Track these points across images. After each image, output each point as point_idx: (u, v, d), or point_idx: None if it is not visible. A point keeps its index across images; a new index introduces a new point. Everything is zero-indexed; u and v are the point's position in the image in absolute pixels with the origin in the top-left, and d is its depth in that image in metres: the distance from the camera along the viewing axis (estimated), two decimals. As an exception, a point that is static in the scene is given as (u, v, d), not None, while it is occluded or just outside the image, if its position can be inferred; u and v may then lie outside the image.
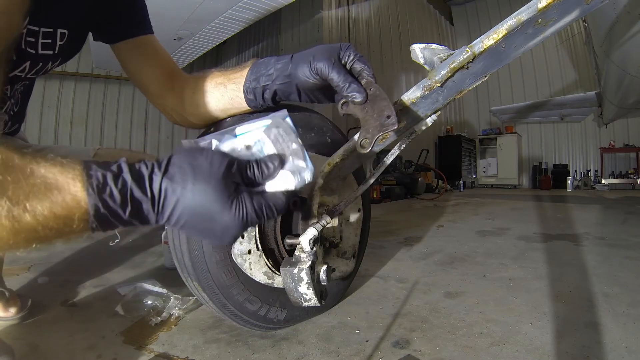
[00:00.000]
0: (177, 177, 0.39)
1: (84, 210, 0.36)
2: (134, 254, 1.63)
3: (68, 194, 0.35)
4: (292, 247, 0.79)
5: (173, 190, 0.39)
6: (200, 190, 0.39)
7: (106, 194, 0.36)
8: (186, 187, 0.39)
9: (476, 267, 1.36)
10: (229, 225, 0.41)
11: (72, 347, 0.78)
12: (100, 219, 0.37)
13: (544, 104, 6.21)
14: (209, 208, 0.40)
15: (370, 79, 0.61)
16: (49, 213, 0.35)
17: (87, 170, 0.37)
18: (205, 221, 0.40)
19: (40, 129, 4.96)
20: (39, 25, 0.64)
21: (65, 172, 0.36)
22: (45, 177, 0.35)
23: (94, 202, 0.36)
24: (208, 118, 0.80)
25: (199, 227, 0.41)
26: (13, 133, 0.85)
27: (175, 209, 0.39)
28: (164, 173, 0.39)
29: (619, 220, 2.65)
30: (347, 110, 0.62)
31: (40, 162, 0.36)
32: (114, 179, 0.37)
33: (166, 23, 3.67)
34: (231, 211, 0.40)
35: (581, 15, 0.61)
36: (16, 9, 0.44)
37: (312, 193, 0.77)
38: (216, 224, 0.41)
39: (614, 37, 2.94)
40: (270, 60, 0.69)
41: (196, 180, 0.39)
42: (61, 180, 0.36)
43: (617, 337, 0.77)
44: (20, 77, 0.68)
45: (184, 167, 0.40)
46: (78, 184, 0.36)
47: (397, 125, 0.55)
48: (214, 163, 0.41)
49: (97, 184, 0.36)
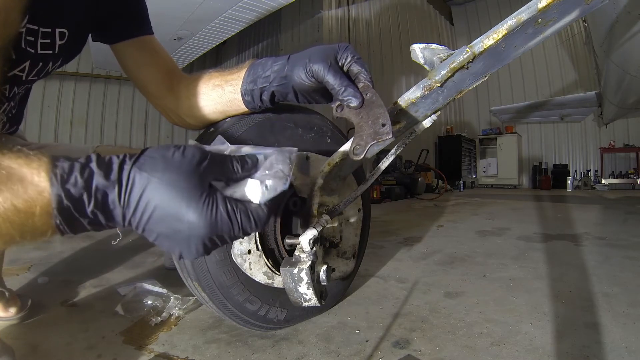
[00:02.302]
0: (147, 167, 0.37)
1: (47, 202, 0.34)
2: (134, 254, 1.63)
3: (30, 184, 0.33)
4: (292, 247, 0.79)
5: (140, 178, 0.36)
6: (168, 180, 0.36)
7: (70, 183, 0.34)
8: (154, 175, 0.36)
9: (476, 267, 1.36)
10: (196, 222, 0.37)
11: (72, 347, 0.78)
12: (64, 213, 0.34)
13: (544, 104, 6.21)
14: (176, 201, 0.37)
15: (368, 82, 0.59)
16: (10, 205, 0.33)
17: (54, 160, 0.35)
18: (171, 218, 0.37)
19: (40, 129, 4.96)
20: (38, 24, 0.64)
21: (30, 163, 0.34)
22: (9, 167, 0.34)
23: (56, 192, 0.34)
24: (206, 119, 0.79)
25: (166, 224, 0.37)
26: (11, 134, 0.86)
27: (141, 199, 0.36)
28: (133, 162, 0.37)
29: (619, 220, 2.65)
30: (342, 114, 0.61)
31: (6, 154, 0.34)
32: (81, 169, 0.35)
33: (166, 23, 3.67)
34: (199, 206, 0.37)
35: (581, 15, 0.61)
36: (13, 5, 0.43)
37: (312, 193, 0.77)
38: (182, 223, 0.37)
39: (614, 37, 2.94)
40: (267, 61, 0.69)
41: (166, 170, 0.37)
42: (24, 170, 0.34)
43: (617, 337, 0.77)
44: (21, 77, 0.68)
45: (156, 157, 0.38)
46: (42, 174, 0.34)
47: (391, 134, 0.54)
48: (186, 154, 0.39)
49: (61, 173, 0.34)
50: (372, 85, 0.60)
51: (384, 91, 6.67)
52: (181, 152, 0.39)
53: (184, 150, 0.39)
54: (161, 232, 0.38)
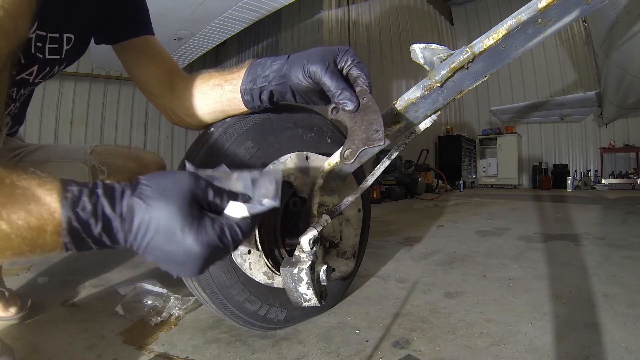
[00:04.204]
0: (144, 195, 0.39)
1: (57, 222, 0.36)
2: (134, 254, 1.62)
3: (43, 204, 0.36)
4: (292, 247, 0.79)
5: (139, 208, 0.39)
6: (162, 208, 0.39)
7: (79, 207, 0.37)
8: (151, 204, 0.39)
9: (476, 267, 1.36)
10: (190, 247, 0.40)
11: (72, 347, 0.78)
12: (73, 233, 0.37)
13: (544, 104, 6.21)
14: (171, 227, 0.39)
15: (365, 87, 0.59)
16: (24, 223, 0.35)
17: (65, 184, 0.38)
18: (168, 242, 0.39)
19: (40, 129, 4.95)
20: (46, 30, 0.65)
21: (43, 185, 0.37)
22: (24, 188, 0.36)
23: (67, 214, 0.36)
24: (205, 119, 0.79)
25: (163, 250, 0.40)
26: (11, 135, 0.86)
27: (140, 226, 0.39)
28: (132, 191, 0.40)
29: (619, 220, 2.65)
30: (336, 117, 0.61)
31: (21, 175, 0.37)
32: (89, 194, 0.38)
33: (166, 23, 3.67)
34: (191, 233, 0.39)
35: (581, 15, 0.61)
36: (23, 12, 0.44)
37: (312, 193, 0.77)
38: (178, 247, 0.39)
39: (614, 37, 2.94)
40: (267, 61, 0.69)
41: (160, 197, 0.39)
42: (38, 191, 0.37)
43: (617, 337, 0.77)
44: (28, 80, 0.69)
45: (152, 186, 0.40)
46: (54, 195, 0.37)
47: (383, 141, 0.54)
48: (179, 182, 0.41)
49: (71, 197, 0.37)
50: (369, 90, 0.59)
51: (384, 91, 6.68)
52: (174, 180, 0.41)
53: (177, 178, 0.41)
54: (159, 256, 0.41)
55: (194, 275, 0.43)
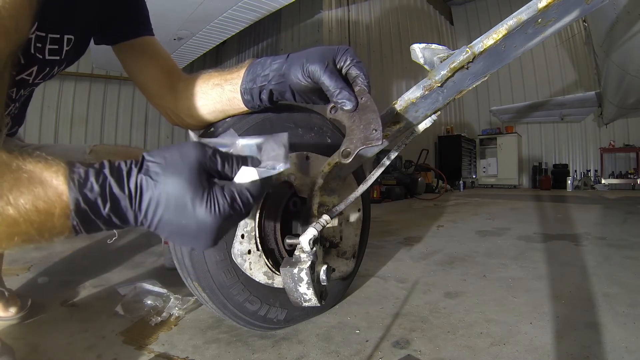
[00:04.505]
0: (151, 171, 0.39)
1: (65, 204, 0.36)
2: (134, 254, 1.63)
3: (50, 187, 0.36)
4: (292, 247, 0.79)
5: (147, 185, 0.39)
6: (171, 182, 0.39)
7: (87, 188, 0.37)
8: (159, 179, 0.39)
9: (476, 267, 1.36)
10: (203, 218, 0.40)
11: (72, 347, 0.78)
12: (81, 215, 0.37)
13: (544, 104, 6.21)
14: (181, 201, 0.39)
15: (364, 87, 0.59)
16: (31, 206, 0.35)
17: (71, 166, 0.38)
18: (180, 216, 0.39)
19: (40, 129, 4.96)
20: (46, 31, 0.65)
21: (49, 167, 0.37)
22: (30, 171, 0.36)
23: (74, 196, 0.36)
24: (205, 119, 0.79)
25: (176, 225, 0.40)
26: (11, 135, 0.86)
27: (150, 203, 0.39)
28: (139, 169, 0.39)
29: (619, 220, 2.65)
30: (335, 116, 0.61)
31: (27, 158, 0.37)
32: (96, 175, 0.38)
33: (166, 23, 3.67)
34: (203, 203, 0.39)
35: (581, 15, 0.61)
36: (23, 13, 0.44)
37: (312, 193, 0.77)
38: (191, 220, 0.40)
39: (614, 37, 2.94)
40: (267, 60, 0.69)
41: (167, 172, 0.39)
42: (45, 174, 0.36)
43: (617, 337, 0.77)
44: (28, 81, 0.69)
45: (158, 161, 0.40)
46: (61, 177, 0.36)
47: (381, 140, 0.55)
48: (185, 153, 0.41)
49: (78, 178, 0.37)
50: (368, 90, 0.59)
51: (384, 91, 6.68)
52: (180, 153, 0.41)
53: (183, 151, 0.41)
54: (172, 231, 0.41)
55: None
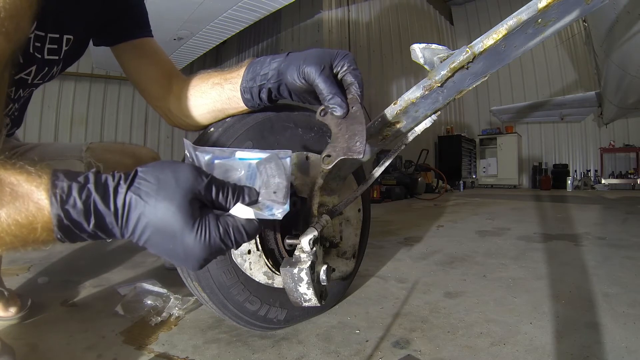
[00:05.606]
0: (142, 191, 0.38)
1: (47, 220, 0.35)
2: (134, 254, 1.63)
3: (31, 202, 0.35)
4: (292, 247, 0.79)
5: (136, 204, 0.37)
6: (162, 207, 0.37)
7: (69, 205, 0.36)
8: (149, 202, 0.37)
9: (476, 267, 1.36)
10: (191, 248, 0.39)
11: (72, 347, 0.78)
12: (64, 230, 0.36)
13: (544, 104, 6.21)
14: (170, 227, 0.38)
15: (357, 96, 0.59)
16: (12, 220, 0.34)
17: (54, 179, 0.36)
18: (167, 240, 0.38)
19: (40, 129, 4.96)
20: (45, 30, 0.65)
21: (31, 180, 0.36)
22: (11, 184, 0.35)
23: (56, 212, 0.35)
24: (205, 119, 0.79)
25: (163, 246, 0.39)
26: (9, 136, 0.86)
27: (138, 224, 0.38)
28: (128, 186, 0.38)
29: (619, 220, 2.65)
30: (324, 119, 0.61)
31: (9, 169, 0.36)
32: (79, 190, 0.36)
33: (166, 23, 3.67)
34: (193, 233, 0.38)
35: (581, 15, 0.61)
36: (23, 13, 0.44)
37: (312, 193, 0.77)
38: (178, 245, 0.38)
39: (614, 37, 2.94)
40: (266, 59, 0.69)
41: (159, 195, 0.38)
42: (26, 188, 0.35)
43: (617, 337, 0.77)
44: (27, 81, 0.69)
45: (150, 180, 0.38)
46: (42, 193, 0.35)
47: (362, 154, 0.54)
48: (180, 178, 0.39)
49: (60, 193, 0.36)
50: (360, 100, 0.59)
51: (384, 91, 6.67)
52: (175, 177, 0.39)
53: (178, 174, 0.39)
54: (159, 251, 0.40)
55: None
